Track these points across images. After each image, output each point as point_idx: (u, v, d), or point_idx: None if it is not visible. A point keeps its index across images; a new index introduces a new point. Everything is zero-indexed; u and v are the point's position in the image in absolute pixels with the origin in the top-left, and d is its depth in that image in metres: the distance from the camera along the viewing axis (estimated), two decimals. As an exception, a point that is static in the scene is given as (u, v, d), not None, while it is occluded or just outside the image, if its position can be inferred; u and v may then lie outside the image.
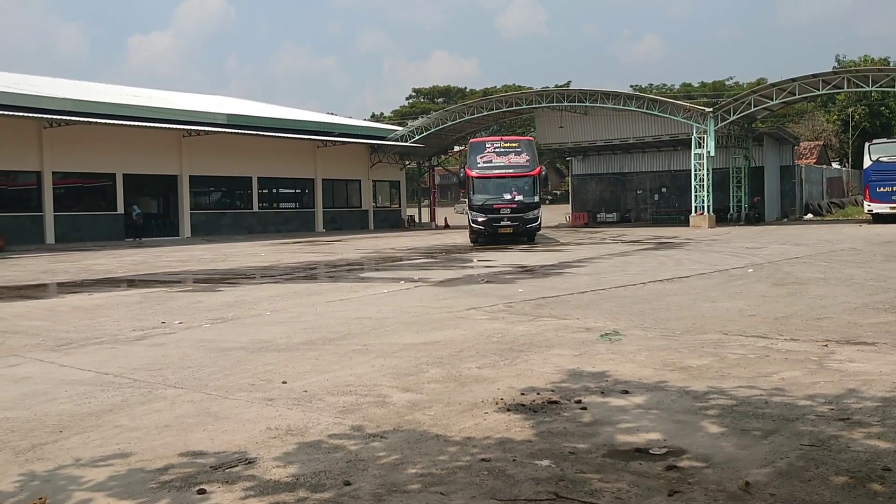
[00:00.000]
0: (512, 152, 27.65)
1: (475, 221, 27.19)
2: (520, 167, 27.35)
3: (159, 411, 5.55)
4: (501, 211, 26.79)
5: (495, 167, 27.41)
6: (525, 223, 27.11)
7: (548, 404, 5.46)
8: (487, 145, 28.23)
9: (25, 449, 4.75)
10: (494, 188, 27.24)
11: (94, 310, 11.65)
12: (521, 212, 26.94)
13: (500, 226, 26.87)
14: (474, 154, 27.96)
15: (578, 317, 9.66)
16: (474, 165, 27.57)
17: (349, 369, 6.81)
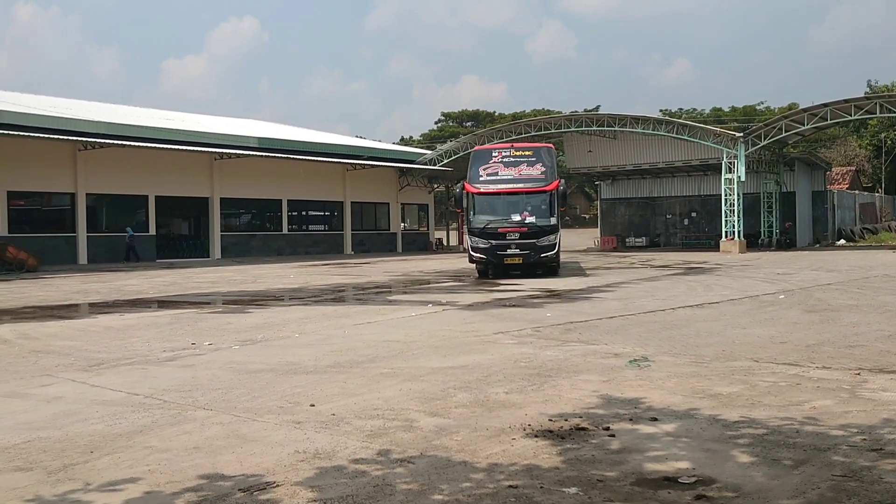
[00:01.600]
0: (524, 162, 22.46)
1: (475, 249, 21.96)
2: (532, 181, 22.12)
3: (189, 433, 5.59)
4: (508, 236, 21.62)
5: (502, 181, 22.24)
6: (538, 252, 21.57)
7: (576, 431, 5.43)
8: (494, 154, 23.02)
9: (57, 469, 4.80)
10: (500, 207, 22.17)
11: (125, 330, 11.78)
12: (533, 237, 21.60)
13: (505, 255, 21.61)
14: (477, 165, 22.77)
15: (607, 342, 9.61)
16: (476, 179, 22.47)
17: (377, 393, 6.82)
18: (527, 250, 21.52)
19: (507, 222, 21.72)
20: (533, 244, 21.52)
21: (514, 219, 21.75)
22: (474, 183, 22.29)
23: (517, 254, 21.52)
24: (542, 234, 21.61)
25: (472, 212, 22.12)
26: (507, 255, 21.59)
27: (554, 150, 24.01)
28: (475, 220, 21.96)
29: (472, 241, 22.05)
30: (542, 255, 21.59)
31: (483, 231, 21.71)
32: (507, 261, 21.65)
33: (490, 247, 21.69)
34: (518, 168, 22.26)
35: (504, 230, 21.58)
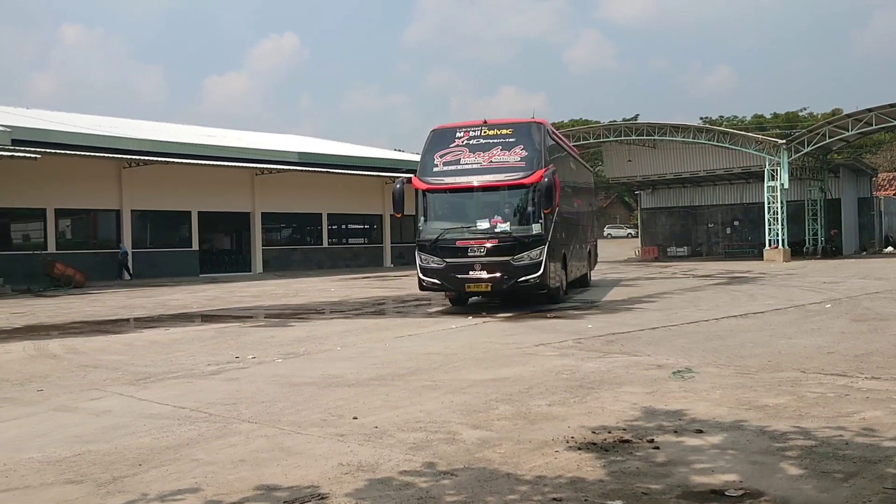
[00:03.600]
0: (498, 145, 15.80)
1: (425, 272, 15.78)
2: (507, 170, 15.47)
3: (234, 446, 5.66)
4: (470, 252, 15.22)
5: (463, 171, 15.67)
6: (515, 274, 15.13)
7: (620, 443, 5.39)
8: (458, 134, 16.21)
9: (107, 481, 4.89)
10: (459, 210, 16.04)
11: (170, 344, 11.96)
12: (507, 253, 15.11)
13: (466, 279, 15.32)
14: (433, 150, 16.24)
15: (650, 353, 9.52)
16: (428, 170, 16.03)
17: (419, 405, 6.84)
18: (497, 272, 15.08)
19: (469, 232, 15.40)
20: (506, 264, 15.07)
21: (480, 226, 15.38)
22: (425, 176, 15.99)
23: (483, 278, 15.14)
24: (521, 248, 15.13)
25: (423, 218, 16.02)
26: (468, 281, 15.26)
27: (547, 126, 16.86)
28: (425, 230, 15.89)
29: (422, 259, 15.79)
30: (522, 279, 15.13)
31: (435, 246, 15.52)
32: (468, 287, 15.37)
33: (444, 268, 15.38)
34: (489, 153, 15.69)
35: (464, 243, 15.28)
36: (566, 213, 17.98)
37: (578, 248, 20.22)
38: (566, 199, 18.03)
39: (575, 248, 19.39)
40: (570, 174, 19.67)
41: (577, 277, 20.33)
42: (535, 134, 16.04)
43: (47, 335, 13.94)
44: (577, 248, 19.99)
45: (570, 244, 18.53)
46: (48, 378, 9.10)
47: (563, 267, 17.33)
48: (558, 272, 16.66)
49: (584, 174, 23.44)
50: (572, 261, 18.74)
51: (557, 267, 16.51)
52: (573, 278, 19.29)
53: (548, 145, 16.28)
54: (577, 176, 21.36)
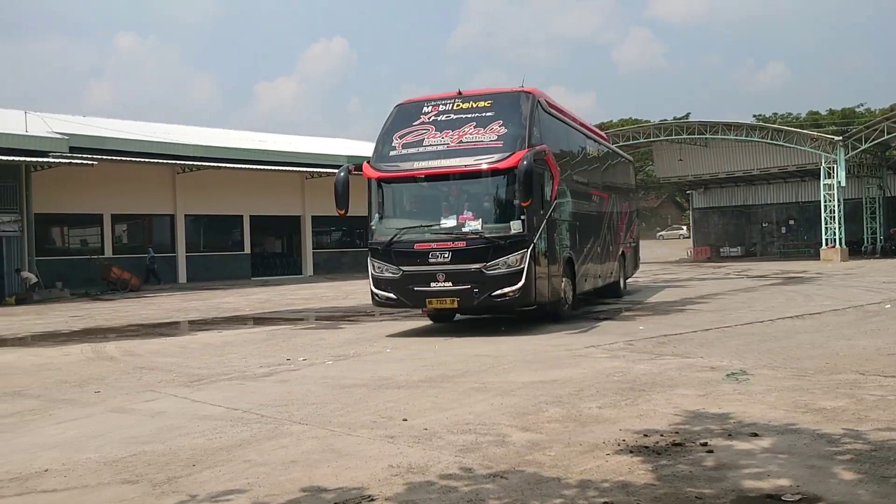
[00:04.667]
0: (471, 121, 12.65)
1: (378, 283, 12.88)
2: (480, 151, 12.24)
3: (285, 447, 5.71)
4: (431, 258, 12.17)
5: (425, 155, 12.55)
6: (489, 287, 12.01)
7: (672, 446, 5.31)
8: (425, 109, 13.19)
9: (161, 482, 4.97)
10: (418, 204, 13.22)
11: (223, 347, 12.13)
12: (478, 259, 12.00)
13: (427, 292, 12.28)
14: (393, 129, 13.24)
15: (703, 355, 9.38)
16: (384, 154, 13.03)
17: (468, 407, 6.83)
18: (466, 283, 11.99)
19: (431, 233, 12.33)
20: (478, 273, 11.93)
21: (444, 225, 12.31)
22: (380, 162, 12.93)
23: (447, 291, 12.09)
24: (497, 252, 11.92)
25: (376, 214, 13.04)
26: (429, 294, 12.22)
27: (540, 97, 13.31)
28: (378, 230, 12.92)
29: (375, 267, 12.83)
30: (498, 292, 11.95)
31: (389, 250, 12.54)
32: (430, 303, 12.38)
33: (400, 278, 12.40)
34: (459, 131, 12.53)
35: (424, 246, 12.22)
36: (577, 207, 14.93)
37: (600, 251, 16.82)
38: (575, 191, 14.99)
39: (592, 251, 16.06)
40: (581, 159, 16.20)
41: (601, 287, 17.25)
42: (519, 106, 12.65)
43: (104, 338, 14.26)
44: (597, 251, 16.58)
45: (583, 246, 15.28)
46: (105, 380, 9.30)
47: (569, 275, 13.94)
48: (557, 282, 13.13)
49: (610, 163, 19.45)
50: (587, 267, 15.50)
51: (555, 276, 13.01)
52: (589, 288, 16.07)
53: (539, 121, 12.81)
54: (595, 163, 17.55)
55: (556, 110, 14.68)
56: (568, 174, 14.49)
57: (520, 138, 12.24)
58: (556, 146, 13.63)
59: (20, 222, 27.00)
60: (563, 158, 14.25)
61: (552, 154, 13.03)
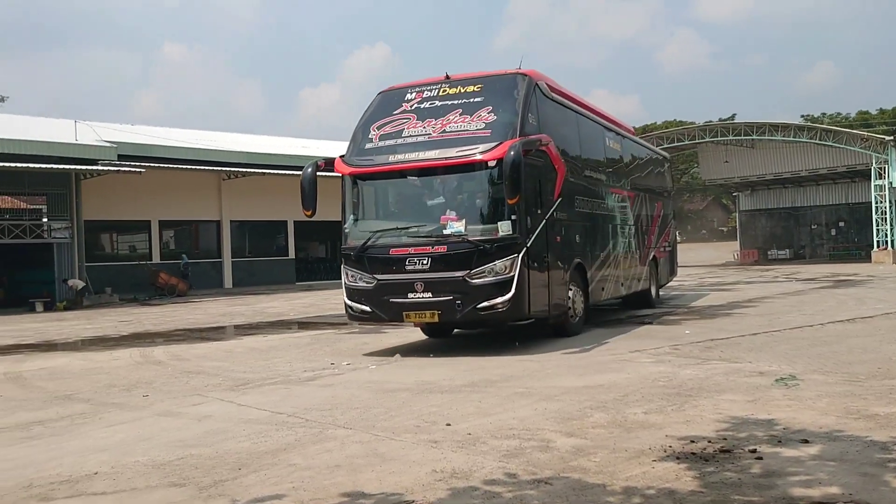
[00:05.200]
0: (457, 108, 11.21)
1: (352, 293, 11.31)
2: (463, 142, 10.76)
3: (330, 451, 5.73)
4: (408, 265, 10.70)
5: (404, 147, 11.10)
6: (473, 299, 10.48)
7: (719, 453, 5.22)
8: (408, 96, 11.76)
9: (208, 485, 5.02)
10: (396, 204, 11.98)
11: (268, 351, 12.24)
12: (461, 266, 10.49)
13: (404, 304, 10.77)
14: (371, 120, 11.83)
15: (751, 360, 9.22)
16: (359, 148, 11.65)
17: (512, 412, 6.79)
18: (447, 294, 10.52)
19: (409, 236, 10.95)
20: (461, 283, 10.45)
21: (424, 227, 10.94)
22: (354, 156, 11.59)
23: (426, 302, 10.63)
24: (483, 258, 10.43)
25: (352, 216, 11.68)
26: (407, 307, 10.75)
27: (538, 80, 11.75)
28: (351, 233, 11.51)
29: (349, 275, 11.32)
30: (483, 304, 10.41)
31: (362, 256, 11.10)
32: (408, 316, 10.90)
33: (375, 288, 10.96)
34: (442, 120, 11.11)
35: (401, 252, 10.76)
36: (591, 207, 13.57)
37: (623, 256, 15.27)
38: (589, 188, 13.60)
39: (612, 256, 14.53)
40: (598, 153, 14.62)
41: (627, 295, 15.89)
42: (513, 90, 11.17)
43: (152, 342, 14.48)
44: (619, 256, 15.01)
45: (599, 251, 13.81)
46: (153, 384, 9.44)
47: (578, 283, 12.45)
48: (561, 292, 11.66)
49: (638, 159, 17.66)
50: (604, 274, 13.97)
51: (558, 284, 11.56)
52: (608, 298, 14.64)
53: (538, 107, 11.37)
54: (618, 158, 15.88)
55: (564, 96, 13.10)
56: (578, 169, 13.10)
57: (511, 126, 10.69)
58: (561, 137, 12.18)
59: (70, 229, 27.59)
60: (571, 151, 12.87)
61: (554, 146, 11.50)
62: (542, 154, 11.20)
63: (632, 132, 18.56)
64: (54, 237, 27.38)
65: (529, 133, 10.79)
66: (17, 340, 15.73)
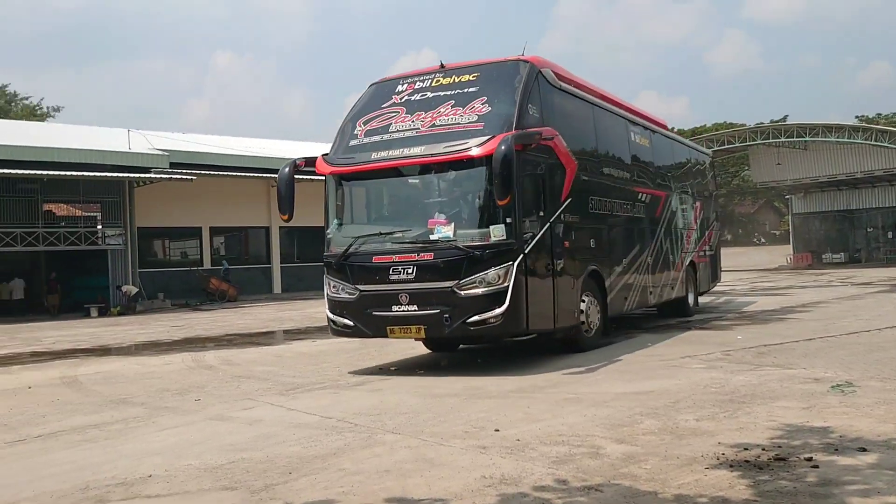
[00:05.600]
0: (449, 99, 10.23)
1: (335, 305, 10.41)
2: (453, 137, 9.74)
3: (379, 456, 5.74)
4: (392, 274, 9.71)
5: (389, 143, 10.16)
6: (461, 311, 9.40)
7: (774, 461, 5.12)
8: (399, 88, 10.85)
9: (259, 489, 5.07)
10: (381, 206, 11.09)
11: (317, 356, 12.34)
12: (449, 275, 9.45)
13: (388, 318, 9.78)
14: (359, 114, 10.89)
15: (805, 366, 9.03)
16: (343, 145, 10.72)
17: (561, 418, 6.74)
18: (434, 307, 9.51)
19: (393, 242, 9.96)
20: (449, 294, 9.43)
21: (409, 232, 9.92)
22: (338, 154, 10.66)
23: (411, 316, 9.64)
24: (472, 267, 9.38)
25: (335, 220, 10.76)
26: (391, 321, 9.77)
27: (541, 67, 10.61)
28: (334, 240, 10.58)
29: (331, 286, 10.44)
30: (473, 318, 9.35)
31: (343, 265, 10.17)
32: (392, 331, 9.86)
33: (357, 300, 10.03)
34: (433, 112, 10.13)
35: (384, 260, 9.80)
36: (609, 208, 12.38)
37: (650, 261, 13.95)
38: (608, 187, 12.39)
39: (636, 261, 13.27)
40: (619, 149, 13.33)
41: (658, 304, 14.86)
42: (511, 79, 10.10)
43: (203, 347, 14.70)
44: (646, 261, 13.71)
45: (620, 256, 12.64)
46: (205, 388, 9.57)
47: (594, 293, 11.34)
48: (569, 303, 10.52)
49: (672, 155, 16.42)
50: (626, 281, 12.77)
51: (566, 294, 10.40)
52: (632, 308, 13.37)
53: (541, 98, 10.34)
54: (645, 154, 14.55)
55: (576, 86, 11.98)
56: (594, 166, 11.98)
57: (506, 118, 9.62)
58: (572, 131, 11.18)
59: (124, 235, 28.16)
60: (585, 147, 11.80)
61: (562, 140, 10.49)
62: (546, 150, 10.17)
63: (665, 127, 17.13)
64: (108, 244, 27.98)
65: (530, 126, 9.77)
66: (72, 345, 16.09)
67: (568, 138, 10.73)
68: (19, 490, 5.33)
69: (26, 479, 5.65)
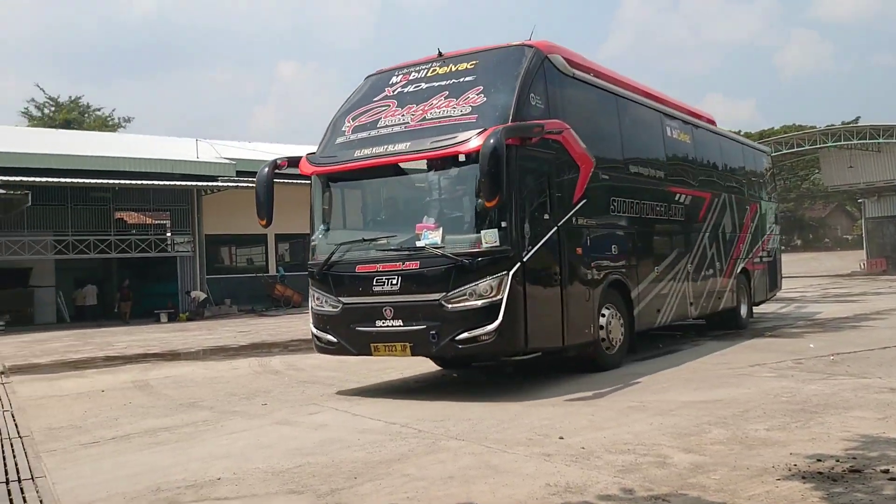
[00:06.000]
0: (442, 91, 9.22)
1: (318, 319, 9.62)
2: (443, 131, 8.68)
3: (443, 462, 5.75)
4: (376, 285, 8.76)
5: (377, 140, 9.22)
6: (448, 326, 8.37)
7: (848, 473, 4.97)
8: (394, 79, 9.95)
9: (325, 493, 5.12)
10: (366, 209, 10.27)
11: (379, 361, 12.39)
12: (434, 285, 8.44)
13: (372, 334, 8.80)
14: (353, 108, 10.01)
15: (881, 375, 8.75)
16: (329, 143, 9.90)
17: (626, 427, 6.66)
18: (420, 322, 8.54)
19: (376, 249, 9.09)
20: (435, 308, 8.45)
21: (394, 239, 9.03)
22: (325, 152, 9.83)
23: (397, 332, 8.68)
24: (461, 277, 8.38)
25: (321, 226, 9.97)
26: (375, 337, 8.83)
27: (549, 53, 9.56)
28: (319, 247, 9.87)
29: (316, 298, 9.58)
30: (462, 335, 8.34)
31: (326, 275, 9.32)
32: (376, 349, 8.88)
33: (341, 314, 9.15)
34: (425, 105, 9.22)
35: (367, 269, 8.91)
36: (637, 210, 11.22)
37: (690, 269, 12.77)
38: (636, 187, 11.24)
39: (672, 269, 12.09)
40: (648, 142, 12.20)
41: (705, 315, 13.71)
42: (514, 66, 9.07)
43: (269, 352, 14.93)
44: (684, 269, 12.54)
45: (652, 264, 11.51)
46: (271, 393, 9.72)
47: (619, 305, 10.31)
48: (583, 317, 9.42)
49: (720, 152, 15.08)
50: (658, 291, 11.58)
51: (578, 307, 9.32)
52: (666, 321, 11.97)
53: (547, 86, 9.31)
54: (684, 150, 13.31)
55: (595, 74, 10.86)
56: (617, 164, 10.92)
57: (503, 109, 8.60)
58: (588, 124, 10.16)
59: (192, 243, 28.79)
60: (606, 142, 10.74)
61: (574, 135, 9.45)
62: (554, 145, 9.14)
63: (712, 122, 15.68)
64: (177, 251, 28.65)
65: (533, 118, 8.78)
66: (143, 350, 16.49)
67: (584, 133, 9.72)
68: (94, 491, 5.48)
69: (100, 479, 5.81)
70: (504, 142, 7.93)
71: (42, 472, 6.10)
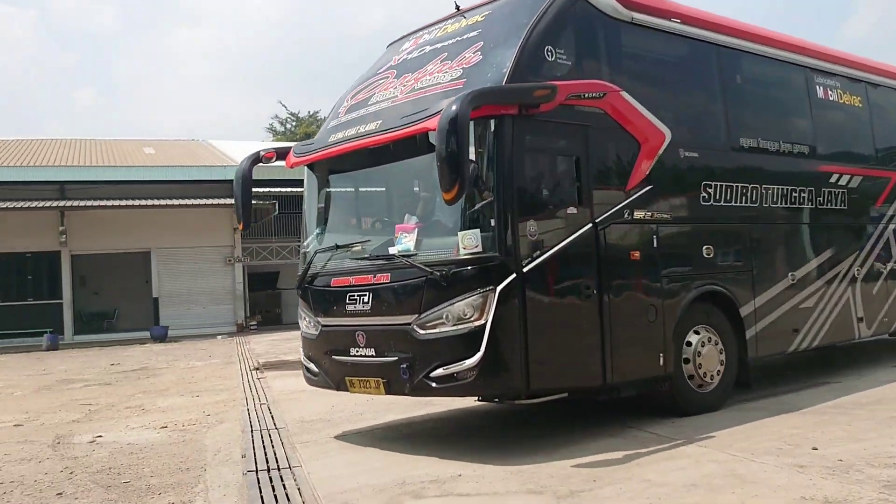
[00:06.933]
0: (442, 52, 7.20)
1: (305, 344, 7.73)
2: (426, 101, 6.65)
3: (683, 468, 5.56)
4: (349, 303, 6.91)
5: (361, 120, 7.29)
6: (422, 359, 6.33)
7: None
8: (405, 45, 8.11)
9: (564, 494, 5.10)
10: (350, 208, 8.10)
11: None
12: (406, 305, 6.50)
13: (347, 365, 6.99)
14: (359, 84, 8.16)
15: None
16: (324, 130, 8.01)
17: (889, 438, 6.10)
18: (392, 352, 6.60)
19: (351, 257, 7.27)
20: (406, 334, 6.45)
21: (369, 244, 7.25)
22: (318, 139, 8.07)
23: (369, 364, 6.81)
24: (436, 294, 6.31)
25: (315, 229, 7.98)
26: (349, 369, 7.02)
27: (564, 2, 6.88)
28: (304, 257, 7.99)
29: (302, 317, 7.80)
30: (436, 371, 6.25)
31: (306, 290, 7.63)
32: (351, 384, 7.03)
33: (319, 339, 7.45)
34: (419, 72, 7.26)
35: (342, 283, 7.14)
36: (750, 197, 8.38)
37: (857, 275, 9.67)
38: (741, 168, 8.41)
39: (819, 275, 9.14)
40: (780, 106, 9.46)
41: (886, 332, 10.27)
42: (530, 12, 6.83)
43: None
44: (840, 274, 9.45)
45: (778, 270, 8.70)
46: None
47: (720, 326, 7.76)
48: (654, 347, 7.09)
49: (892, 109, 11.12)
50: (795, 303, 8.77)
51: (640, 331, 7.05)
52: (815, 344, 9.04)
53: (582, 33, 7.17)
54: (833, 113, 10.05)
55: (674, 17, 7.96)
56: (716, 137, 8.35)
57: (495, 69, 6.53)
58: (662, 86, 7.92)
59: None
60: (695, 108, 8.28)
61: (627, 100, 7.13)
62: (591, 114, 6.89)
63: (891, 74, 11.26)
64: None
65: (555, 78, 6.64)
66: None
67: (654, 97, 7.50)
68: (345, 482, 5.81)
69: (350, 471, 6.16)
70: (468, 111, 5.83)
71: (298, 462, 6.56)
